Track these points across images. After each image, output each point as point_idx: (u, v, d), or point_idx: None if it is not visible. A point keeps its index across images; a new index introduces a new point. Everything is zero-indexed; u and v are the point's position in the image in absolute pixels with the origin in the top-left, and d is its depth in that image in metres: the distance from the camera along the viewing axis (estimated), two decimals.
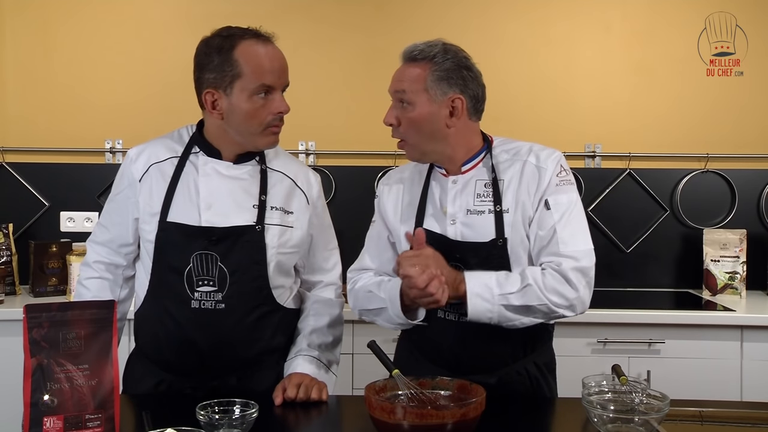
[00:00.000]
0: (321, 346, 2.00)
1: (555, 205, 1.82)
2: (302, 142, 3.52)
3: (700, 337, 2.92)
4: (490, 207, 1.84)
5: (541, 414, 1.83)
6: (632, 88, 3.53)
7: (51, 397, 1.45)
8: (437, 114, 1.82)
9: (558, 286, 1.76)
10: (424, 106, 1.81)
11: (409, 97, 1.81)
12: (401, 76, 1.84)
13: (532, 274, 1.76)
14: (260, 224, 1.88)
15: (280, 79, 1.86)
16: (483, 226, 1.83)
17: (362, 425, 1.58)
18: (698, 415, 1.78)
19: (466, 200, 1.87)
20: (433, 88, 1.80)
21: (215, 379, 1.89)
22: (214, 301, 1.84)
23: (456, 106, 1.82)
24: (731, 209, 3.52)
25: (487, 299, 1.74)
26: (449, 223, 1.87)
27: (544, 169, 1.84)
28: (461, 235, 1.85)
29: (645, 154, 3.51)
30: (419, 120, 1.82)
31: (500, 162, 1.88)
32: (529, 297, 1.74)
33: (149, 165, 1.92)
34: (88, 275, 2.02)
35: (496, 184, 1.85)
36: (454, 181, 1.90)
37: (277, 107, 1.85)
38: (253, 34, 1.85)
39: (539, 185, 1.83)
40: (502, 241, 1.81)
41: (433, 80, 1.80)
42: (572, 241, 1.80)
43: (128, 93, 3.49)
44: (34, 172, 3.47)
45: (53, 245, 3.28)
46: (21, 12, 3.46)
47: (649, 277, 3.53)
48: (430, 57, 1.81)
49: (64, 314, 1.48)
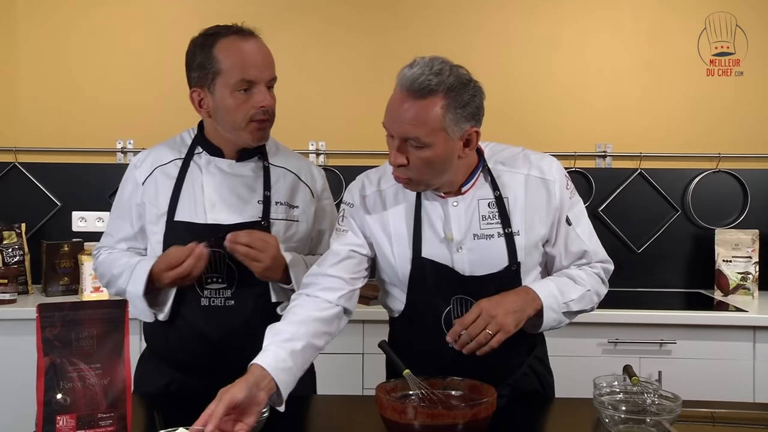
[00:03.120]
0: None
1: (575, 219, 1.79)
2: (312, 142, 3.52)
3: (712, 338, 2.91)
4: (499, 230, 1.72)
5: (552, 414, 1.82)
6: (643, 88, 3.52)
7: (64, 396, 1.45)
8: (453, 149, 1.63)
9: (599, 288, 1.81)
10: (440, 147, 1.60)
11: (424, 141, 1.59)
12: (408, 118, 1.58)
13: (582, 278, 1.78)
14: (266, 220, 1.90)
15: (263, 72, 1.85)
16: (493, 251, 1.72)
17: (373, 425, 1.58)
18: (710, 416, 1.77)
19: (471, 224, 1.72)
20: (451, 127, 1.59)
21: (226, 378, 1.89)
22: (223, 298, 1.86)
23: (471, 139, 1.65)
24: (743, 209, 3.50)
25: (555, 309, 1.72)
26: (455, 251, 1.72)
27: (551, 182, 1.74)
28: (469, 263, 1.72)
29: (656, 154, 3.50)
30: (434, 160, 1.62)
31: (500, 175, 1.75)
32: (585, 302, 1.77)
33: (153, 168, 1.95)
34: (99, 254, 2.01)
35: (501, 203, 1.73)
36: (454, 203, 1.73)
37: (260, 101, 1.84)
38: (234, 30, 1.86)
39: (550, 201, 1.74)
40: (516, 266, 1.72)
41: (452, 119, 1.59)
42: (598, 248, 1.84)
43: (139, 93, 3.50)
44: (47, 172, 3.49)
45: (65, 245, 3.29)
46: (34, 14, 3.48)
47: (660, 278, 3.52)
48: (444, 90, 1.58)
49: (77, 313, 1.49)
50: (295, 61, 3.40)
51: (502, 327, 1.61)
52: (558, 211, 1.76)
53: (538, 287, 1.71)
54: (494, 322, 1.61)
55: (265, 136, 1.92)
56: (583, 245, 1.79)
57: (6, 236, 3.29)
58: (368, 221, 1.80)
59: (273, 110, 1.89)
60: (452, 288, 1.73)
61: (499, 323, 1.61)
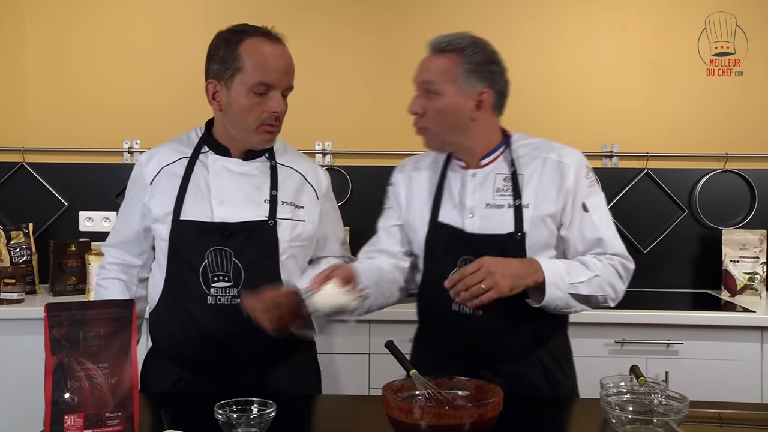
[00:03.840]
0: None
1: (593, 207, 1.86)
2: (319, 142, 3.52)
3: (719, 338, 2.90)
4: (510, 201, 1.85)
5: (560, 414, 1.82)
6: (650, 88, 3.51)
7: (71, 395, 1.46)
8: (464, 106, 1.83)
9: (613, 280, 1.83)
10: (451, 97, 1.82)
11: (436, 87, 1.81)
12: (429, 66, 1.84)
13: (595, 264, 1.81)
14: (272, 219, 1.90)
15: (282, 79, 1.86)
16: (501, 219, 1.84)
17: (379, 425, 1.58)
18: (717, 417, 1.77)
19: (485, 194, 1.88)
20: (462, 81, 1.81)
21: (232, 376, 1.90)
22: (230, 297, 1.86)
23: (483, 99, 1.83)
24: (751, 209, 3.48)
25: (560, 287, 1.75)
26: (467, 216, 1.87)
27: (566, 165, 1.85)
28: (479, 228, 1.86)
29: (663, 154, 3.49)
30: (445, 110, 1.82)
31: (520, 156, 1.89)
32: (594, 288, 1.79)
33: (160, 168, 1.95)
34: (105, 276, 2.06)
35: (516, 179, 1.86)
36: (473, 174, 1.90)
37: (273, 106, 1.85)
38: (263, 32, 1.87)
39: (563, 182, 1.84)
40: (520, 235, 1.82)
41: (463, 72, 1.81)
42: (616, 241, 1.87)
43: (146, 93, 3.51)
44: (54, 172, 3.50)
45: (72, 245, 3.31)
46: (40, 14, 3.49)
47: (667, 278, 3.51)
48: (460, 49, 1.81)
49: (84, 313, 1.50)
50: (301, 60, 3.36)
51: (496, 285, 1.67)
52: (571, 195, 1.84)
53: (544, 262, 1.77)
54: (491, 278, 1.66)
55: (271, 141, 1.93)
56: (598, 233, 1.85)
57: (14, 236, 3.30)
58: (401, 194, 2.02)
59: (283, 117, 1.90)
60: (460, 248, 1.85)
61: (494, 281, 1.67)
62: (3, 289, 3.02)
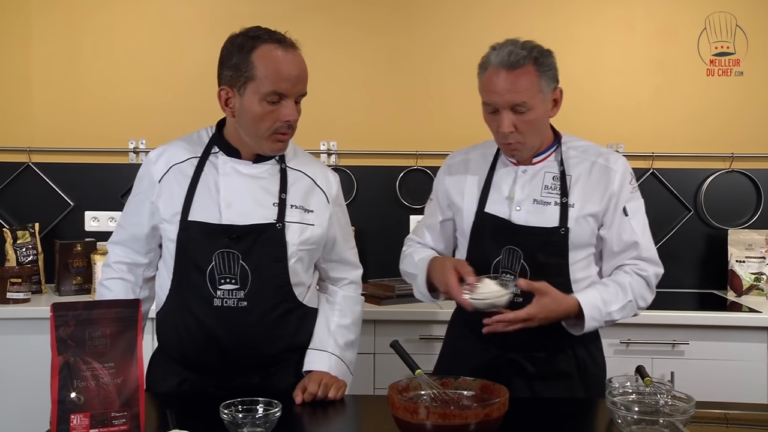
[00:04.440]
0: (345, 344, 2.01)
1: (632, 212, 1.97)
2: (324, 142, 3.52)
3: (725, 339, 2.89)
4: (557, 199, 1.94)
5: (565, 414, 1.82)
6: (656, 87, 3.50)
7: (78, 395, 1.46)
8: (547, 109, 1.93)
9: (644, 292, 1.97)
10: (540, 107, 1.89)
11: (530, 103, 1.86)
12: (513, 87, 1.85)
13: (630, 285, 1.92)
14: (281, 222, 1.89)
15: (294, 87, 1.83)
16: (547, 215, 1.93)
17: (384, 425, 1.58)
18: (723, 418, 1.76)
19: (533, 190, 1.96)
20: (545, 88, 1.89)
21: (237, 378, 1.90)
22: (236, 299, 1.85)
23: (557, 98, 1.95)
24: (757, 209, 3.48)
25: (597, 319, 1.88)
26: (515, 209, 1.96)
27: (614, 171, 1.95)
28: (524, 221, 1.94)
29: (669, 153, 3.48)
30: (537, 121, 1.90)
31: (569, 157, 1.98)
32: (628, 312, 1.94)
33: (169, 166, 1.94)
34: (109, 276, 2.04)
35: (564, 178, 1.95)
36: (524, 170, 1.99)
37: (286, 115, 1.83)
38: (276, 38, 1.83)
39: (608, 186, 1.95)
40: (564, 230, 1.92)
41: (544, 81, 1.88)
42: (651, 246, 2.00)
43: (151, 93, 3.52)
44: (60, 172, 3.51)
45: (78, 244, 3.31)
46: (47, 14, 3.50)
47: (672, 278, 3.47)
48: (533, 59, 1.86)
49: (90, 313, 1.50)
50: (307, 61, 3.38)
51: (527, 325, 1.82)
52: (615, 198, 1.95)
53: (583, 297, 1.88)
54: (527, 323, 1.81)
55: (283, 148, 1.92)
56: (635, 236, 1.96)
57: (20, 236, 3.31)
58: (447, 185, 2.10)
59: (296, 124, 1.88)
60: (505, 237, 1.95)
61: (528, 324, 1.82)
62: (9, 289, 3.03)
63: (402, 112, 3.49)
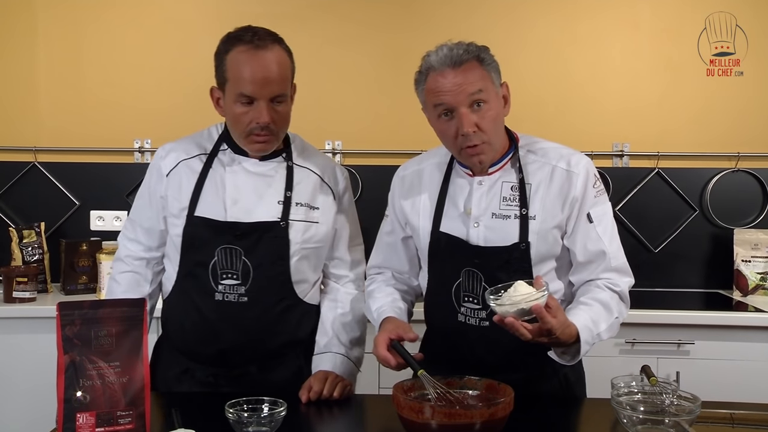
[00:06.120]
0: (350, 342, 2.02)
1: (597, 218, 1.81)
2: (329, 141, 3.52)
3: (731, 339, 2.88)
4: (516, 212, 1.79)
5: (570, 414, 1.82)
6: (661, 87, 3.49)
7: (84, 394, 1.47)
8: (501, 105, 1.79)
9: (621, 308, 1.81)
10: (495, 101, 1.75)
11: (485, 95, 1.72)
12: (466, 80, 1.71)
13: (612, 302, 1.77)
14: (284, 220, 1.91)
15: (263, 90, 1.82)
16: (507, 230, 1.79)
17: (389, 424, 1.59)
18: (729, 417, 1.76)
19: (491, 203, 1.81)
20: (495, 82, 1.76)
21: (236, 369, 1.92)
22: (237, 294, 1.88)
23: (505, 94, 1.80)
24: (762, 209, 3.46)
25: (589, 342, 1.71)
26: (472, 226, 1.81)
27: (575, 174, 1.79)
28: (484, 239, 1.80)
29: (674, 153, 3.47)
30: (497, 117, 1.76)
31: (528, 163, 1.83)
32: (614, 330, 1.78)
33: (178, 161, 1.96)
34: (120, 270, 2.05)
35: (523, 188, 1.80)
36: (480, 182, 1.83)
37: (256, 117, 1.84)
38: (248, 40, 1.83)
39: (570, 191, 1.79)
40: (524, 245, 1.77)
41: (494, 75, 1.76)
42: (619, 254, 1.84)
43: (157, 93, 3.52)
44: (65, 171, 3.52)
45: (83, 244, 3.32)
46: (53, 14, 3.51)
47: (677, 278, 3.49)
48: (476, 54, 1.74)
49: (96, 312, 1.50)
50: (312, 59, 3.41)
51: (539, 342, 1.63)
52: (578, 204, 1.79)
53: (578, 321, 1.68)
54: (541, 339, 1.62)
55: (263, 149, 1.92)
56: (601, 245, 1.80)
57: (26, 235, 3.32)
58: (402, 201, 1.95)
59: (276, 126, 1.86)
60: (464, 259, 1.80)
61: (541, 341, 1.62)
62: (15, 288, 3.04)
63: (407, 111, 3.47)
